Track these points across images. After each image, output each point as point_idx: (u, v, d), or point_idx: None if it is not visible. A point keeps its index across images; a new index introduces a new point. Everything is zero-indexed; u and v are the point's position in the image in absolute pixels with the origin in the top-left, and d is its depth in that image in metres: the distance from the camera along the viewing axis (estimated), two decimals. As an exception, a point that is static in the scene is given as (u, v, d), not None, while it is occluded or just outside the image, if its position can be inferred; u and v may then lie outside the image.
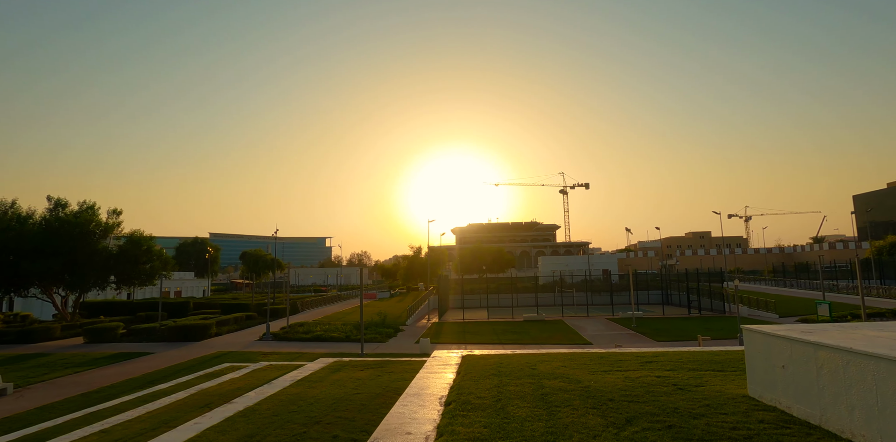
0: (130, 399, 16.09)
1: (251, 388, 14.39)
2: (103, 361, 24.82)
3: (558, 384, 8.21)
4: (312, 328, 33.41)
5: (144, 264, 40.45)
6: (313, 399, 11.44)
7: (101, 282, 39.06)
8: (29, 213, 37.24)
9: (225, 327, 35.43)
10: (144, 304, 46.83)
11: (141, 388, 18.15)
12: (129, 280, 40.31)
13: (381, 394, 11.77)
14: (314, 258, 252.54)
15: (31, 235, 35.29)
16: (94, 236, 38.13)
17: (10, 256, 34.76)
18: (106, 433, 11.17)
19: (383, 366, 16.19)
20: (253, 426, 9.41)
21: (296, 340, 30.37)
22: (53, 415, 14.92)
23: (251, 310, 44.36)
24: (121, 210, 40.26)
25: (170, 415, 12.52)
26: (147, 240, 41.51)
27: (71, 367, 23.29)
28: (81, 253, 36.73)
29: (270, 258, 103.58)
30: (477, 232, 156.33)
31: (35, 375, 21.47)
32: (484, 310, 45.08)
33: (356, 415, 10.08)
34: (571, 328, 34.76)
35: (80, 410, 15.13)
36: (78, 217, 37.50)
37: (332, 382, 13.43)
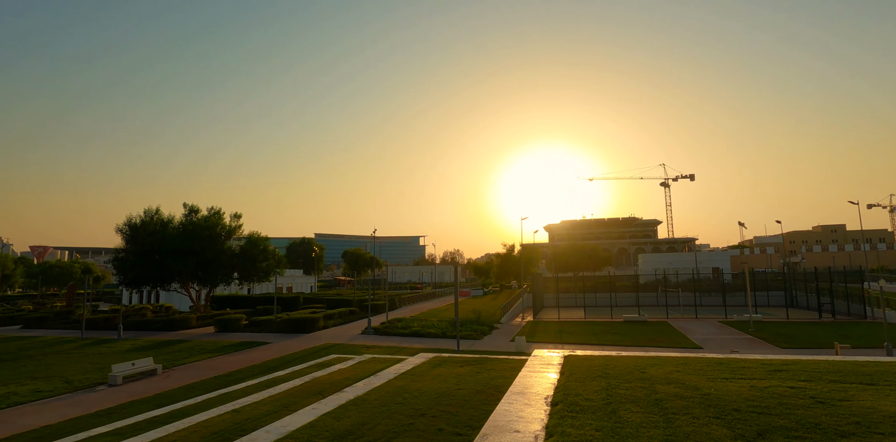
0: (254, 383, 17.80)
1: (358, 378, 15.25)
2: (230, 348, 27.71)
3: (673, 390, 7.69)
4: (410, 324, 34.58)
5: (262, 263, 44.68)
6: (417, 392, 11.85)
7: (227, 278, 43.79)
8: (169, 219, 42.83)
9: (331, 321, 37.90)
10: (262, 298, 51.65)
11: (262, 374, 20.00)
12: (250, 277, 44.75)
13: (482, 391, 11.87)
14: (409, 256, 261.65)
15: (171, 238, 40.54)
16: (220, 238, 42.91)
17: (156, 256, 40.23)
18: (237, 413, 12.49)
19: (482, 363, 16.31)
20: (364, 415, 9.97)
21: (395, 335, 31.63)
22: (194, 394, 16.95)
23: (353, 305, 47.01)
24: (241, 214, 44.93)
25: (289, 399, 13.69)
26: (263, 240, 45.81)
27: (205, 352, 26.31)
28: (211, 252, 41.52)
29: (369, 257, 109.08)
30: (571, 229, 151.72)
31: (178, 358, 24.58)
32: (580, 309, 43.63)
33: (459, 410, 10.27)
34: (678, 331, 32.42)
35: (214, 391, 17.03)
36: (207, 221, 42.45)
37: (434, 376, 13.81)
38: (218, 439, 9.81)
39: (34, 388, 18.27)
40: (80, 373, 20.99)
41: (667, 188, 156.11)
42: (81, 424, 13.61)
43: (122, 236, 41.01)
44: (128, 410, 15.08)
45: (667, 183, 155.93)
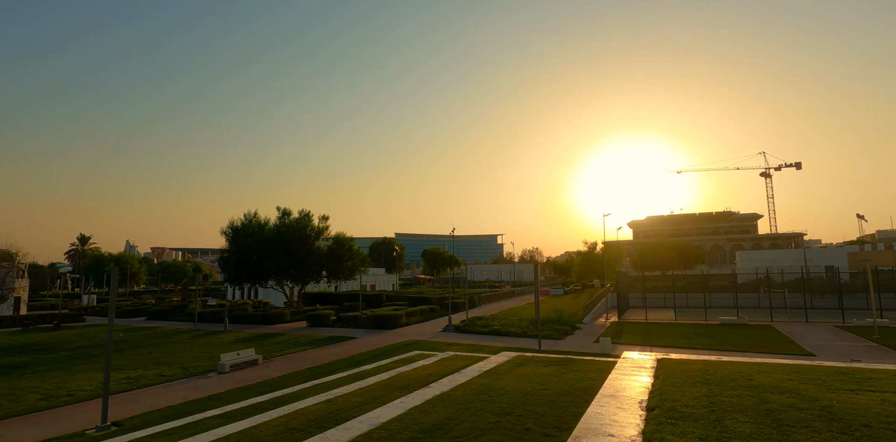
0: (344, 376, 18.70)
1: (442, 375, 15.51)
2: (321, 342, 29.35)
3: (786, 400, 6.99)
4: (490, 322, 34.55)
5: (347, 262, 46.96)
6: (502, 391, 11.82)
7: (317, 276, 46.54)
8: (265, 221, 46.36)
9: (413, 318, 38.89)
10: (348, 295, 54.25)
11: (351, 367, 20.95)
12: (337, 275, 47.22)
13: (569, 392, 11.57)
14: (487, 255, 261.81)
15: (267, 239, 43.84)
16: (310, 239, 45.71)
17: (255, 256, 43.70)
18: (330, 403, 13.21)
19: (566, 363, 15.90)
20: (450, 410, 10.12)
21: (475, 333, 31.76)
22: (291, 383, 18.14)
23: (433, 303, 47.89)
24: (328, 216, 47.56)
25: (377, 392, 14.24)
26: (348, 240, 48.13)
27: (299, 345, 28.10)
28: (302, 252, 44.36)
29: (448, 255, 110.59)
30: (657, 225, 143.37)
31: (275, 350, 26.47)
32: (669, 310, 41.09)
33: (545, 410, 10.09)
34: (785, 335, 29.47)
35: (308, 381, 18.11)
36: (298, 223, 45.42)
37: (518, 375, 13.69)
38: (315, 426, 10.42)
39: (158, 372, 20.56)
40: (195, 360, 23.29)
41: (768, 179, 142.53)
42: (198, 406, 15.09)
43: (225, 238, 45.02)
44: (235, 395, 16.48)
45: (768, 173, 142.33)
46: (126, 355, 24.85)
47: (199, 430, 11.53)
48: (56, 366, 22.39)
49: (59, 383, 18.62)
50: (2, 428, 13.37)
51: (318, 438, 8.45)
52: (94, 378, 19.45)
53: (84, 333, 35.45)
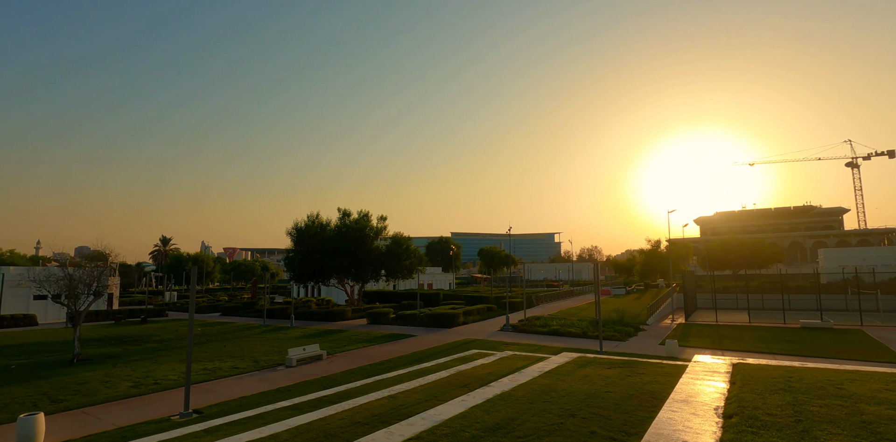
0: (404, 373, 19.03)
1: (502, 374, 15.40)
2: (381, 339, 30.05)
3: (885, 412, 6.35)
4: (548, 322, 33.97)
5: (405, 261, 47.82)
6: (564, 392, 11.57)
7: (376, 275, 47.74)
8: (327, 222, 48.11)
9: (470, 317, 38.97)
10: (406, 294, 55.20)
11: (410, 364, 21.28)
12: (395, 274, 48.20)
13: (635, 395, 11.14)
14: (544, 254, 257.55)
15: (329, 239, 45.49)
16: (369, 238, 46.97)
17: (317, 255, 45.47)
18: (392, 399, 13.48)
19: (631, 366, 15.32)
20: (512, 410, 10.03)
21: (533, 333, 31.33)
22: (352, 378, 18.70)
23: (490, 302, 47.73)
24: (386, 216, 48.67)
25: (438, 390, 14.37)
26: (406, 240, 48.99)
27: (360, 342, 28.91)
28: (361, 252, 45.66)
29: (504, 254, 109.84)
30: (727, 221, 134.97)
31: (338, 346, 27.39)
32: (741, 312, 38.65)
33: (611, 413, 9.77)
34: (878, 341, 26.86)
35: (370, 377, 18.58)
36: (358, 223, 46.79)
37: (581, 377, 13.35)
38: (378, 421, 10.66)
39: (232, 364, 21.86)
40: (264, 354, 24.56)
41: (855, 169, 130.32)
42: (268, 397, 15.90)
43: (290, 238, 47.14)
44: (302, 388, 17.21)
45: (855, 163, 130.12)
46: (203, 348, 26.61)
47: (271, 420, 12.12)
48: (144, 356, 24.37)
49: (147, 372, 20.25)
50: (101, 411, 14.72)
51: (383, 433, 8.65)
52: (177, 368, 20.98)
53: (167, 326, 38.35)
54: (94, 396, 16.35)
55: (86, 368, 21.18)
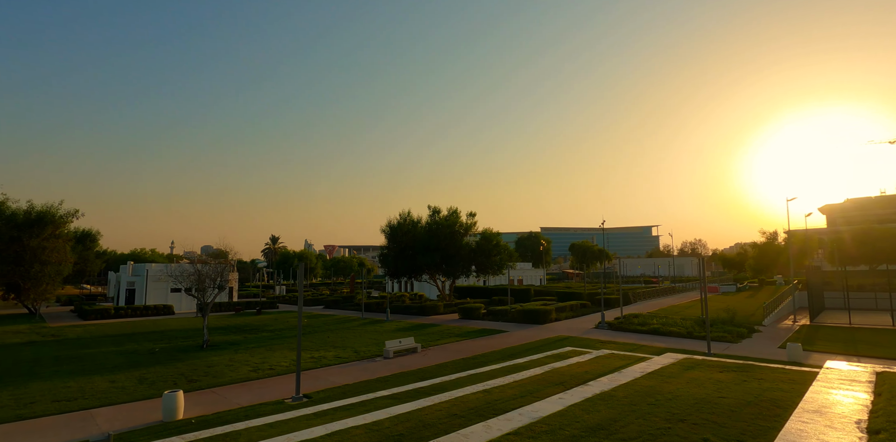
0: (497, 368, 19.03)
1: (600, 373, 14.84)
2: (473, 334, 30.31)
3: None
4: (648, 320, 32.09)
5: (495, 256, 47.83)
6: (670, 395, 10.85)
7: (466, 270, 48.29)
8: (418, 220, 49.54)
9: (562, 313, 37.99)
10: (496, 289, 55.19)
11: (503, 360, 21.22)
12: (485, 269, 48.39)
13: (754, 402, 10.13)
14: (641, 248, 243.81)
15: (420, 236, 46.83)
16: (459, 235, 47.63)
17: (410, 252, 47.00)
18: (487, 393, 13.56)
19: (747, 370, 13.97)
20: (613, 411, 9.61)
21: (631, 332, 29.79)
22: (447, 372, 19.05)
23: (584, 298, 46.17)
24: (475, 212, 49.04)
25: (533, 386, 14.20)
26: (495, 236, 48.97)
27: (452, 336, 29.40)
28: (452, 248, 46.43)
29: (597, 249, 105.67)
30: (861, 209, 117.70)
31: (431, 340, 28.08)
32: (883, 313, 33.62)
33: (726, 420, 8.97)
34: None
35: (464, 371, 18.81)
36: (447, 220, 47.62)
37: (689, 380, 12.44)
38: (474, 414, 10.77)
39: (336, 354, 23.33)
40: (364, 345, 25.89)
41: None
42: (369, 386, 16.74)
43: (385, 235, 49.18)
44: (399, 379, 17.90)
45: None
46: (310, 338, 28.68)
47: (372, 408, 12.76)
48: (260, 344, 26.83)
49: (263, 359, 22.28)
50: (227, 391, 16.47)
51: (481, 426, 8.71)
52: (288, 356, 22.84)
53: (279, 318, 41.89)
54: (221, 378, 18.32)
55: (213, 353, 23.79)
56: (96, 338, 29.89)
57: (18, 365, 21.30)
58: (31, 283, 31.58)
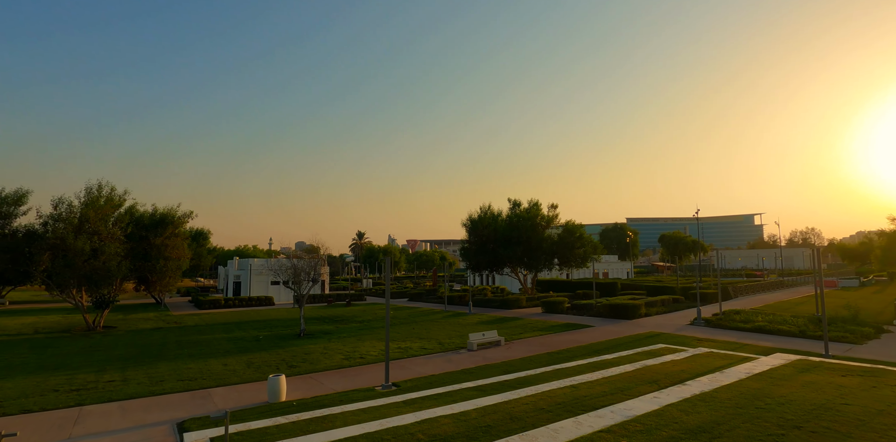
0: (584, 363, 18.48)
1: (698, 373, 13.88)
2: (557, 328, 29.68)
3: None
4: (751, 317, 29.48)
5: (578, 249, 46.42)
6: (783, 399, 9.87)
7: (548, 263, 47.37)
8: (498, 213, 49.38)
9: (653, 309, 36.02)
10: (580, 283, 53.61)
11: (589, 355, 20.56)
12: (568, 262, 47.16)
13: (886, 412, 8.91)
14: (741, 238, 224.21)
15: (501, 229, 46.65)
16: (540, 227, 46.81)
17: (490, 245, 47.01)
18: (574, 389, 13.23)
19: (877, 375, 12.34)
20: (716, 414, 8.93)
21: (732, 329, 27.53)
22: (531, 365, 18.83)
23: (677, 293, 43.42)
24: (556, 204, 47.89)
25: (623, 384, 13.62)
26: (578, 228, 47.51)
27: (536, 330, 29.00)
28: (534, 241, 45.78)
29: (691, 240, 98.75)
30: None
31: (514, 333, 27.90)
32: None
33: (851, 430, 7.99)
34: None
35: (549, 366, 18.48)
36: (528, 212, 46.97)
37: (804, 383, 11.24)
38: (562, 410, 10.56)
39: (421, 345, 23.97)
40: (447, 337, 26.35)
41: None
42: (454, 377, 17.02)
43: (465, 229, 49.59)
44: (484, 371, 17.99)
45: None
46: (396, 329, 29.73)
47: (459, 398, 12.96)
48: (350, 334, 28.28)
49: (353, 348, 23.47)
50: (322, 377, 17.57)
51: (571, 422, 8.51)
52: (376, 346, 23.85)
53: (366, 309, 43.89)
54: (317, 365, 19.57)
55: (309, 342, 25.47)
56: (210, 325, 33.23)
57: (149, 348, 24.26)
58: (157, 276, 35.77)
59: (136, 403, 14.48)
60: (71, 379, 17.49)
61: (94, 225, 30.63)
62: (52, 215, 30.60)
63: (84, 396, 15.10)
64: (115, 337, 27.99)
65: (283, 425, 11.15)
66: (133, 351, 23.37)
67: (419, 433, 9.50)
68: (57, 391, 15.74)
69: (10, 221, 31.36)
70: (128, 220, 34.12)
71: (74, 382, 16.94)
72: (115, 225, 32.41)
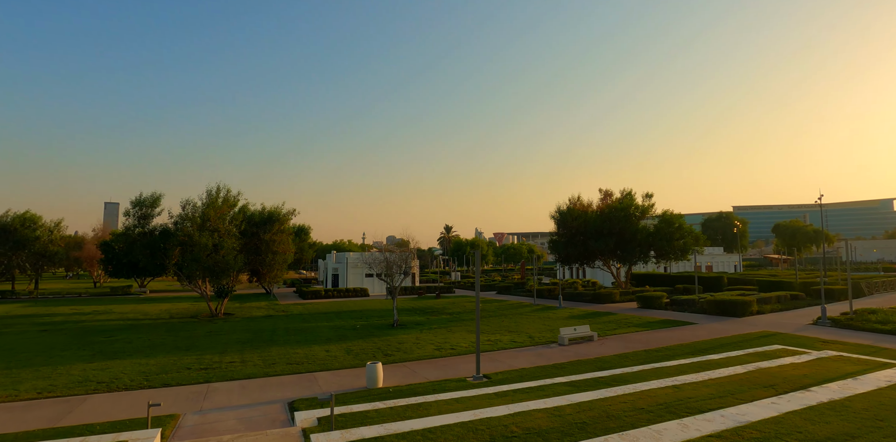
0: (687, 363, 17.29)
1: (824, 378, 12.39)
2: (654, 324, 28.07)
3: None
4: (891, 317, 25.69)
5: (678, 240, 43.39)
6: (936, 412, 8.50)
7: (644, 256, 44.85)
8: (588, 204, 47.63)
9: (766, 306, 32.73)
10: (680, 277, 50.11)
11: (692, 355, 19.20)
12: (666, 255, 44.28)
13: None
14: (875, 227, 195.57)
15: (592, 221, 44.94)
16: (634, 218, 44.42)
17: (581, 237, 45.50)
18: (677, 389, 12.43)
19: None
20: (849, 425, 7.92)
21: (866, 331, 24.21)
22: (627, 363, 18.00)
23: (795, 289, 39.05)
24: (652, 193, 45.11)
25: (733, 387, 12.55)
26: (677, 218, 44.41)
27: (631, 326, 27.66)
28: (627, 232, 43.57)
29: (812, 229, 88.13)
30: None
31: (607, 328, 26.83)
32: None
33: None
34: None
35: (647, 364, 17.54)
36: (621, 203, 44.78)
37: (965, 395, 9.59)
38: (664, 411, 9.99)
39: (510, 338, 23.92)
40: (537, 331, 26.01)
41: None
42: (545, 371, 16.78)
43: (554, 221, 48.45)
44: (576, 367, 17.54)
45: None
46: (486, 322, 29.92)
47: (551, 393, 12.76)
48: (441, 326, 28.95)
49: (444, 339, 24.01)
50: (416, 366, 18.21)
51: (675, 424, 8.03)
52: (466, 338, 24.19)
53: (456, 301, 44.65)
54: (410, 354, 20.30)
55: (402, 332, 26.49)
56: (312, 314, 35.79)
57: (261, 333, 26.71)
58: (267, 269, 39.24)
59: (253, 382, 16.05)
60: (199, 359, 19.80)
61: (214, 223, 34.30)
62: (181, 215, 34.73)
63: (211, 375, 17.02)
64: (234, 323, 31.17)
65: (382, 410, 11.72)
66: (248, 336, 25.89)
67: (513, 426, 9.51)
68: (189, 369, 17.90)
69: (149, 221, 36.00)
70: (241, 218, 37.73)
71: (202, 362, 19.16)
72: (230, 222, 36.00)
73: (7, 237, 52.73)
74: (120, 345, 23.35)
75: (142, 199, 35.84)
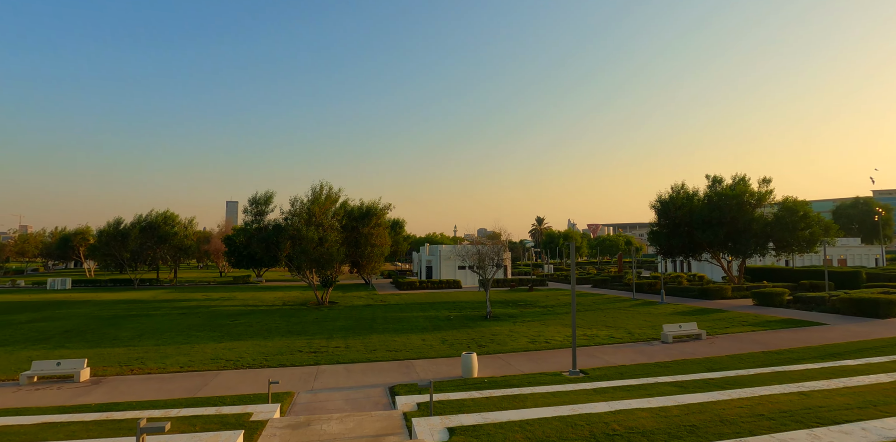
0: (816, 368, 15.46)
1: None
2: (774, 324, 25.37)
3: None
4: None
5: (803, 230, 38.57)
6: None
7: (760, 248, 40.51)
8: (694, 192, 44.01)
9: (920, 306, 28.09)
10: (805, 271, 44.67)
11: (822, 359, 17.14)
12: (787, 246, 39.60)
13: None
14: None
15: (698, 210, 41.53)
16: (748, 206, 40.28)
17: (685, 228, 42.23)
18: (805, 396, 11.13)
19: None
20: None
21: None
22: (742, 365, 16.49)
23: (960, 287, 33.03)
24: (770, 178, 40.53)
25: (875, 397, 10.96)
26: (801, 205, 39.50)
27: (745, 325, 25.24)
28: (740, 222, 39.66)
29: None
30: None
31: (717, 327, 24.73)
32: None
33: None
34: None
35: (765, 367, 15.93)
36: (733, 190, 40.79)
37: None
38: (789, 419, 9.02)
39: (608, 334, 23.00)
40: (637, 327, 24.72)
41: None
42: (647, 370, 15.92)
43: (655, 211, 45.50)
44: (682, 366, 16.43)
45: None
46: (581, 316, 29.05)
47: (655, 393, 12.09)
48: (534, 318, 28.63)
49: (538, 332, 23.72)
50: (510, 358, 18.22)
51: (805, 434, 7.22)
52: (561, 332, 23.68)
53: (549, 294, 43.85)
54: (504, 346, 20.35)
55: (495, 324, 26.60)
56: (409, 304, 37.20)
57: (362, 321, 28.32)
58: (366, 261, 41.51)
59: (356, 366, 17.12)
60: (309, 343, 21.52)
61: (319, 218, 36.99)
62: (290, 211, 37.87)
63: (319, 358, 18.44)
64: (337, 311, 33.39)
65: (478, 399, 11.90)
66: (351, 323, 27.61)
67: (614, 423, 9.17)
68: (301, 352, 19.54)
69: (263, 217, 39.67)
70: (342, 213, 40.23)
71: (312, 346, 20.81)
72: (333, 217, 38.56)
73: (152, 233, 61.15)
74: (242, 328, 26.12)
75: (257, 197, 39.54)
